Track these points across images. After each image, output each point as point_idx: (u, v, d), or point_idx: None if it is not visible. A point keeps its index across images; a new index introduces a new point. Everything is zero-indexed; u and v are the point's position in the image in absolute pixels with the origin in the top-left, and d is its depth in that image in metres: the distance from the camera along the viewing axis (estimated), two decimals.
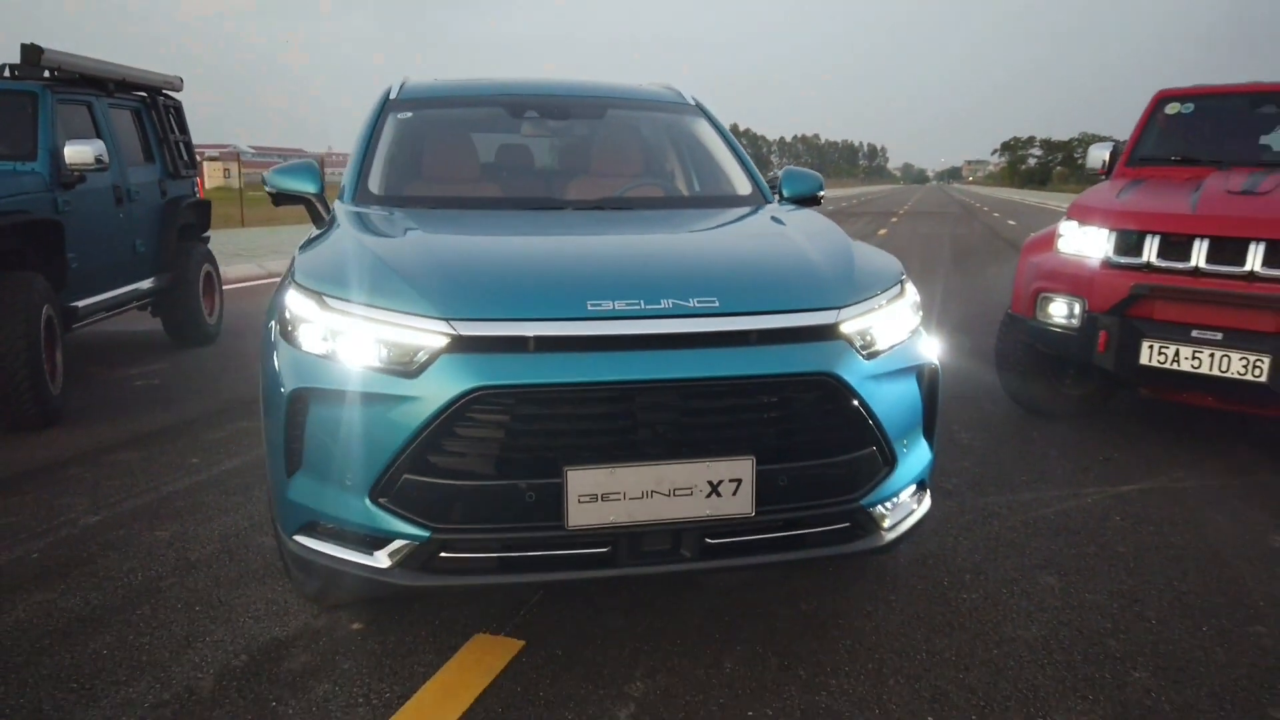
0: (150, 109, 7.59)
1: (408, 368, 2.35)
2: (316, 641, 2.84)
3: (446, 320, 2.35)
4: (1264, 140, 5.76)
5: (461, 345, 2.33)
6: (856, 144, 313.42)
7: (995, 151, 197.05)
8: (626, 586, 3.15)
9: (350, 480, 2.39)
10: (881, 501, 2.63)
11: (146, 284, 7.10)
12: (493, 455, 2.34)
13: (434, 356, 2.33)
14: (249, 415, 5.47)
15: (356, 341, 2.41)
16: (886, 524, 2.67)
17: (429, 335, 2.35)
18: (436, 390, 2.31)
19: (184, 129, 8.19)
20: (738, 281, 2.64)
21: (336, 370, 2.42)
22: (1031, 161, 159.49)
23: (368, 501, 2.38)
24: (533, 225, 3.30)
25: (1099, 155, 6.19)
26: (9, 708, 2.48)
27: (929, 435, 2.84)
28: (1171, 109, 5.96)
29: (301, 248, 3.01)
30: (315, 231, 3.39)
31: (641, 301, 2.41)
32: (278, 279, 3.33)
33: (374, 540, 2.42)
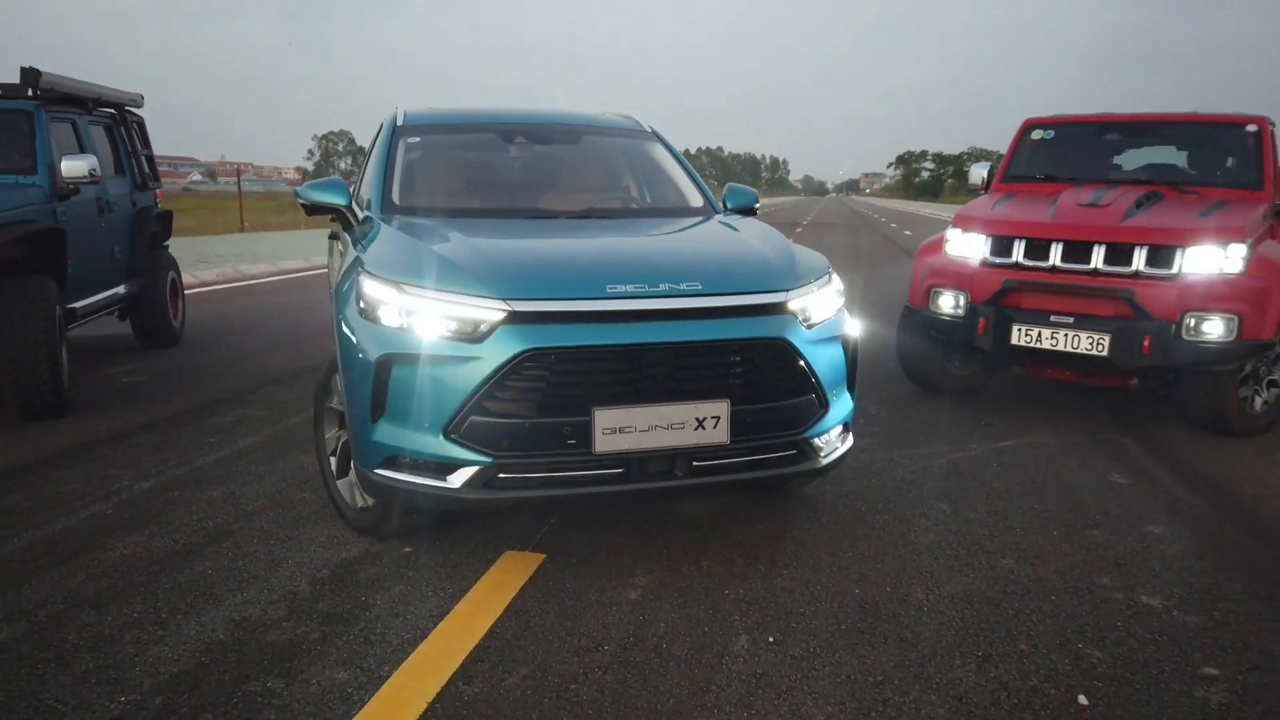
0: (120, 125, 8.07)
1: (473, 336, 3.13)
2: (379, 560, 3.57)
3: (504, 300, 3.14)
4: (1112, 160, 6.96)
5: (515, 318, 3.13)
6: (759, 156, 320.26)
7: (890, 164, 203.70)
8: (625, 512, 3.99)
9: (427, 422, 3.16)
10: (819, 435, 3.53)
11: (122, 289, 7.58)
12: (538, 400, 3.14)
13: (494, 327, 3.12)
14: (245, 405, 6.09)
15: (430, 317, 3.18)
16: (823, 453, 3.58)
17: (490, 311, 3.13)
18: (496, 352, 3.10)
19: (147, 143, 8.66)
20: (714, 270, 3.50)
21: (414, 339, 3.18)
22: (925, 174, 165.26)
23: (442, 438, 3.15)
24: (544, 230, 4.10)
25: (979, 173, 7.32)
26: (153, 608, 3.16)
27: (851, 389, 3.75)
28: (1037, 135, 7.11)
29: (363, 247, 3.73)
30: (349, 235, 4.14)
31: (646, 285, 3.24)
32: (212, 288, 4.00)
33: (446, 467, 3.19)
